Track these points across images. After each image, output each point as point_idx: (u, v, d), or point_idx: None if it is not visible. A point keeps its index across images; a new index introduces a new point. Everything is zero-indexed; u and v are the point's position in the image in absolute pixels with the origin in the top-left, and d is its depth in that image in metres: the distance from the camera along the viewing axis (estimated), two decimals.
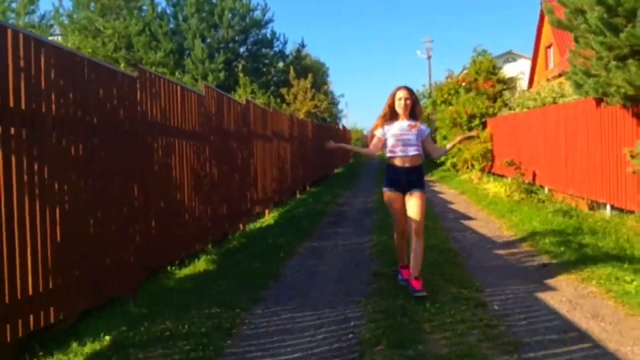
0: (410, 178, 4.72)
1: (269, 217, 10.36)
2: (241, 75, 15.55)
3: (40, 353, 3.64)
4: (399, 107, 4.80)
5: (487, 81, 20.83)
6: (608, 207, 8.44)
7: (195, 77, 16.89)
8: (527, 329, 3.69)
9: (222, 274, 5.75)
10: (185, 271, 5.99)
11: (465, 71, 24.96)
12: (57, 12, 19.24)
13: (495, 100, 18.99)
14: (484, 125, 17.01)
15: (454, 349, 3.31)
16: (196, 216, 6.77)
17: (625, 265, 5.12)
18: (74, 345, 3.78)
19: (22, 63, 3.56)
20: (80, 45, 17.37)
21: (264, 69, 20.83)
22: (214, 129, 7.54)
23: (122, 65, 13.02)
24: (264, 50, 20.83)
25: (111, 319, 4.30)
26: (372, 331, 3.66)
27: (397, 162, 4.75)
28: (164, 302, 4.74)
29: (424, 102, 22.68)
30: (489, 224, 8.04)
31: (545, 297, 4.39)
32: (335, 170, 24.63)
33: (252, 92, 15.49)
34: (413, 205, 4.67)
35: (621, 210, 7.96)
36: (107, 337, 3.88)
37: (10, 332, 3.41)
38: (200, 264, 6.31)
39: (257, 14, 20.87)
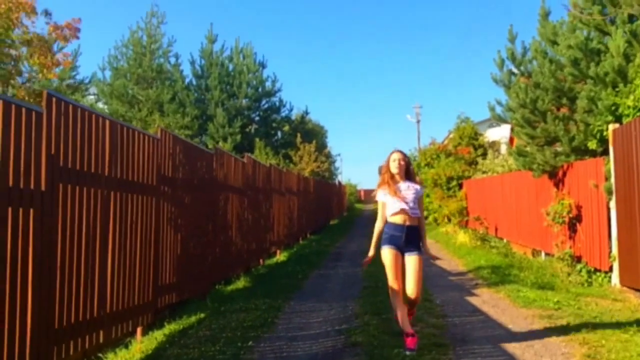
0: (409, 237, 4.81)
1: (281, 256, 13.02)
2: (257, 140, 18.62)
3: (166, 321, 6.25)
4: (394, 167, 4.90)
5: (468, 146, 23.97)
6: (543, 253, 11.17)
7: (217, 140, 19.88)
8: (452, 310, 6.40)
9: (259, 287, 8.40)
10: (231, 287, 8.61)
11: (450, 135, 28.25)
12: (96, 79, 22.20)
13: (472, 164, 22.00)
14: (460, 186, 19.91)
15: None
16: (238, 249, 9.48)
17: (529, 286, 7.84)
18: (184, 317, 6.39)
19: (170, 150, 6.39)
20: (118, 110, 20.40)
21: (273, 132, 23.95)
22: (250, 186, 10.35)
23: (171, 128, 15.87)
24: (273, 115, 24.00)
25: (198, 308, 6.91)
26: (362, 309, 6.35)
27: (397, 220, 4.82)
28: (228, 300, 7.38)
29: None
30: (450, 262, 10.80)
31: (470, 298, 7.10)
32: (331, 222, 27.43)
33: (266, 154, 18.49)
34: (411, 266, 4.78)
35: (549, 254, 10.69)
36: (203, 314, 6.51)
37: (164, 303, 6.07)
38: (240, 283, 8.94)
39: (268, 84, 24.17)
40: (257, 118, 23.69)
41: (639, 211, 7.21)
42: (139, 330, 5.63)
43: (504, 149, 29.07)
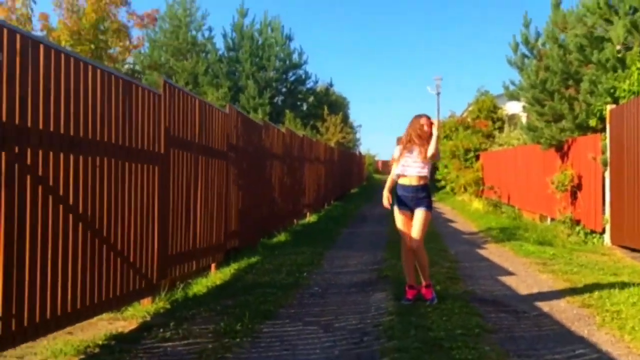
0: (417, 195, 5.11)
1: (311, 218, 14.48)
2: (287, 111, 19.98)
3: (231, 261, 7.70)
4: (421, 133, 5.10)
5: (486, 119, 25.01)
6: (548, 218, 12.46)
7: (248, 110, 21.24)
8: (464, 258, 7.80)
9: (300, 240, 9.86)
10: (275, 240, 10.07)
11: (469, 108, 29.22)
12: (135, 51, 23.43)
13: (489, 137, 23.10)
14: (477, 158, 21.10)
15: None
16: (279, 208, 10.94)
17: (531, 242, 9.20)
18: (245, 258, 7.86)
19: (235, 123, 7.78)
20: (156, 82, 21.71)
21: (299, 103, 25.26)
22: (288, 154, 11.75)
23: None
24: (299, 87, 25.27)
25: (253, 253, 8.35)
26: (389, 255, 7.78)
27: (405, 181, 5.15)
28: (276, 248, 8.86)
29: None
30: (464, 224, 12.19)
31: (479, 250, 8.50)
32: (352, 190, 28.86)
33: (295, 125, 19.85)
34: (415, 221, 5.09)
35: (553, 219, 11.98)
36: (259, 257, 7.97)
37: (230, 246, 7.56)
38: (282, 237, 10.39)
39: (295, 57, 25.34)
40: (284, 89, 24.98)
41: (627, 180, 8.47)
42: (213, 265, 7.11)
43: (524, 121, 30.05)
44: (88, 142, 4.09)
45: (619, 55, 9.40)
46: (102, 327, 4.41)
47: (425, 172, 5.16)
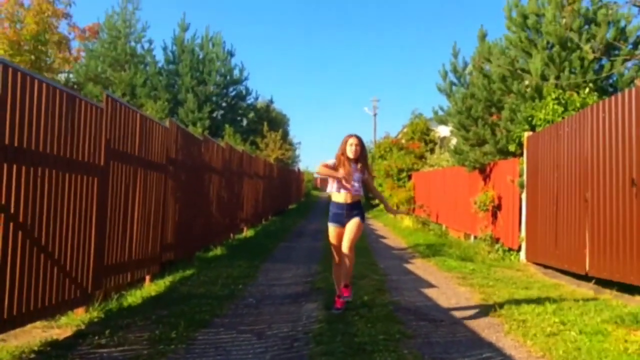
0: (351, 212, 5.53)
1: (248, 232, 14.65)
2: (227, 126, 20.13)
3: (166, 273, 7.80)
4: (350, 152, 5.43)
5: (420, 141, 26.14)
6: (472, 236, 13.24)
7: (187, 124, 21.18)
8: (392, 272, 8.26)
9: (236, 254, 10.04)
10: (211, 254, 10.19)
11: (404, 130, 30.38)
12: (74, 62, 22.85)
13: (421, 158, 24.14)
14: (409, 177, 22.00)
15: (357, 273, 7.79)
16: (216, 222, 11.08)
17: (454, 258, 9.82)
18: (180, 271, 7.98)
19: (174, 137, 7.93)
20: (92, 91, 21.33)
21: (239, 118, 25.42)
22: (227, 168, 11.93)
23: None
24: (239, 103, 25.44)
25: (189, 266, 8.48)
26: (322, 268, 8.12)
27: (340, 199, 5.53)
28: (213, 261, 9.01)
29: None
30: (395, 241, 12.76)
31: (406, 265, 9.00)
32: (290, 207, 29.18)
33: (235, 140, 19.99)
34: (350, 226, 5.48)
35: (477, 237, 12.75)
36: (195, 270, 8.11)
37: (165, 258, 7.65)
38: (218, 251, 10.53)
39: (236, 73, 25.53)
40: (224, 104, 25.07)
41: (540, 202, 9.26)
42: (147, 277, 7.19)
43: (453, 143, 31.54)
44: (31, 152, 4.19)
45: (537, 87, 10.28)
46: (36, 334, 4.47)
47: (357, 190, 5.56)
